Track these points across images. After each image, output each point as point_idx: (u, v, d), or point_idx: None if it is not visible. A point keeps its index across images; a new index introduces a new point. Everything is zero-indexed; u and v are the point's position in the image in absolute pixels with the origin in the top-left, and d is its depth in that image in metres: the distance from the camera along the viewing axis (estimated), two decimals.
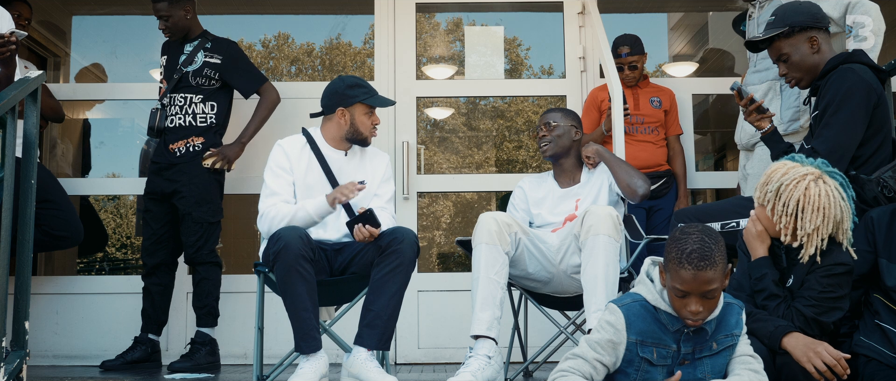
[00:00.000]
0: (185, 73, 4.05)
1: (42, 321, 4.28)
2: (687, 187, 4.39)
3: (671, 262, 2.29)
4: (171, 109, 4.06)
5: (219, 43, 4.13)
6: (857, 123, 2.92)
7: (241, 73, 4.11)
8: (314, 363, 2.93)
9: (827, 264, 2.52)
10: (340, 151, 3.33)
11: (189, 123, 4.02)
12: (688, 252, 2.24)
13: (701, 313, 2.29)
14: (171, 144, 4.02)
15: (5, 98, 2.72)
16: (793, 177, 2.54)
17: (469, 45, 5.28)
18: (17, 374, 2.81)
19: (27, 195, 2.89)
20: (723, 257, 2.27)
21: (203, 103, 4.05)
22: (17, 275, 2.89)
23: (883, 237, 2.62)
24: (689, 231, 2.30)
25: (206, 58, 4.06)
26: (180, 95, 4.05)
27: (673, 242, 2.31)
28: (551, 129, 3.52)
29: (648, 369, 2.36)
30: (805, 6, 3.18)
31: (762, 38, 3.17)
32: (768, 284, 2.56)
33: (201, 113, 4.04)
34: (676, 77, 6.04)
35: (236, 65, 4.10)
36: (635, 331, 2.36)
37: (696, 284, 2.24)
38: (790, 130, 3.55)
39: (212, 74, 4.05)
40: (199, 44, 4.10)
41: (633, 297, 2.42)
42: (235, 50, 4.14)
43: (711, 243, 2.26)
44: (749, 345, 2.41)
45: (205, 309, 3.97)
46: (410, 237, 3.06)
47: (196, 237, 3.94)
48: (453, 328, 4.29)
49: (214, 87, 4.07)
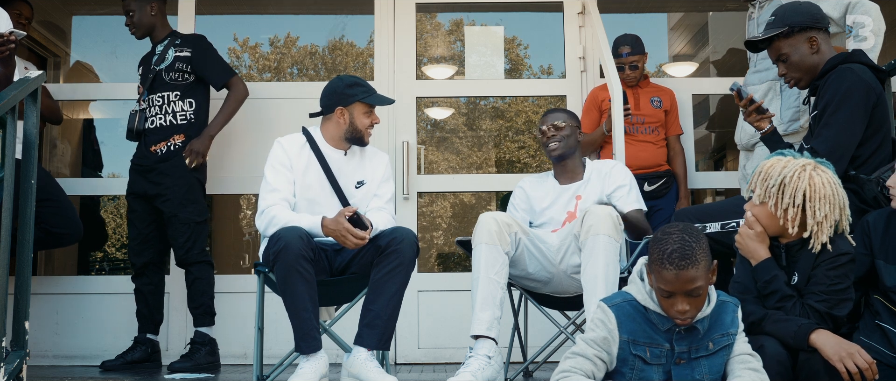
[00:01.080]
0: (158, 71, 4.06)
1: (42, 320, 4.28)
2: (687, 188, 4.39)
3: (654, 263, 2.30)
4: (150, 110, 4.06)
5: (188, 38, 4.15)
6: (856, 122, 2.92)
7: (210, 64, 4.09)
8: (314, 363, 2.93)
9: (831, 256, 2.51)
10: (340, 151, 3.33)
11: (170, 122, 4.02)
12: (668, 252, 2.24)
13: (688, 312, 2.29)
14: (152, 146, 4.02)
15: (5, 98, 2.72)
16: (794, 169, 2.54)
17: (469, 45, 5.28)
18: (17, 374, 2.81)
19: (27, 195, 2.89)
20: (705, 255, 2.27)
21: (181, 101, 4.04)
22: (17, 275, 2.89)
23: (879, 240, 2.62)
24: (670, 231, 2.30)
25: (176, 53, 4.07)
26: (158, 95, 4.05)
27: (654, 243, 2.31)
28: (559, 129, 3.50)
29: (643, 367, 2.36)
30: (804, 6, 3.18)
31: (762, 39, 3.17)
32: (780, 285, 2.53)
33: (180, 110, 4.03)
34: (676, 77, 6.04)
35: (205, 56, 4.09)
36: (626, 330, 2.36)
37: (679, 283, 2.25)
38: (790, 130, 3.55)
39: (183, 66, 4.05)
40: (169, 42, 4.12)
41: (623, 296, 2.42)
42: (204, 43, 4.14)
43: (692, 241, 2.26)
44: (747, 344, 2.41)
45: (200, 309, 3.97)
46: (410, 237, 3.06)
47: (185, 238, 3.94)
48: (453, 328, 4.29)
49: (188, 81, 4.06)
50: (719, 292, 2.44)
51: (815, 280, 2.52)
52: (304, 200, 3.25)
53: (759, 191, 2.58)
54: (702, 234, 2.31)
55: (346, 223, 3.02)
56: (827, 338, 2.39)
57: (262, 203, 3.21)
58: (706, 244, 2.29)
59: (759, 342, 2.43)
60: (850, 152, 2.92)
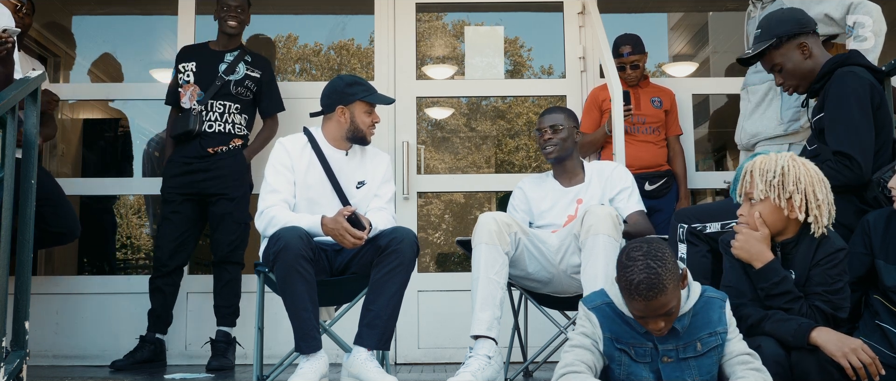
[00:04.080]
0: (227, 81, 4.10)
1: (42, 320, 4.28)
2: (687, 188, 4.39)
3: (622, 291, 2.28)
4: (209, 114, 4.08)
5: (258, 58, 4.24)
6: (870, 121, 2.93)
7: (271, 93, 4.24)
8: (314, 363, 2.93)
9: (828, 254, 2.52)
10: (341, 151, 3.33)
11: (228, 130, 4.09)
12: (635, 283, 2.21)
13: (664, 327, 2.30)
14: (210, 147, 4.05)
15: (5, 98, 2.72)
16: (786, 159, 2.56)
17: (469, 46, 5.28)
18: (17, 374, 2.81)
19: (27, 195, 2.89)
20: (673, 277, 2.23)
21: (239, 114, 4.13)
22: (17, 275, 2.89)
23: (879, 240, 2.62)
24: (635, 257, 2.25)
25: (247, 71, 4.15)
26: (219, 103, 4.09)
27: (621, 268, 2.27)
28: (557, 131, 3.48)
29: (630, 363, 2.36)
30: (788, 14, 3.18)
31: (752, 55, 3.18)
32: (790, 286, 2.51)
33: (238, 123, 4.13)
34: (676, 77, 6.04)
35: (271, 84, 4.24)
36: (608, 329, 2.37)
37: (649, 310, 2.25)
38: (790, 130, 3.55)
39: (251, 86, 4.15)
40: (240, 55, 4.18)
41: (602, 298, 2.42)
42: (271, 69, 4.28)
43: (657, 266, 2.21)
44: (743, 343, 2.39)
45: (231, 308, 4.05)
46: (410, 237, 3.06)
47: (234, 237, 4.02)
48: (453, 328, 4.29)
49: (249, 99, 4.16)
50: (705, 286, 2.43)
51: (815, 281, 2.52)
52: (305, 200, 3.25)
53: (762, 187, 2.56)
54: (667, 252, 2.27)
55: (344, 223, 3.02)
56: (828, 335, 2.39)
57: (261, 204, 3.21)
58: (672, 263, 2.25)
59: (756, 343, 2.42)
60: (873, 150, 2.92)
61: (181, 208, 4.07)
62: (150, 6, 4.07)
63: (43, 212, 3.81)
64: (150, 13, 4.09)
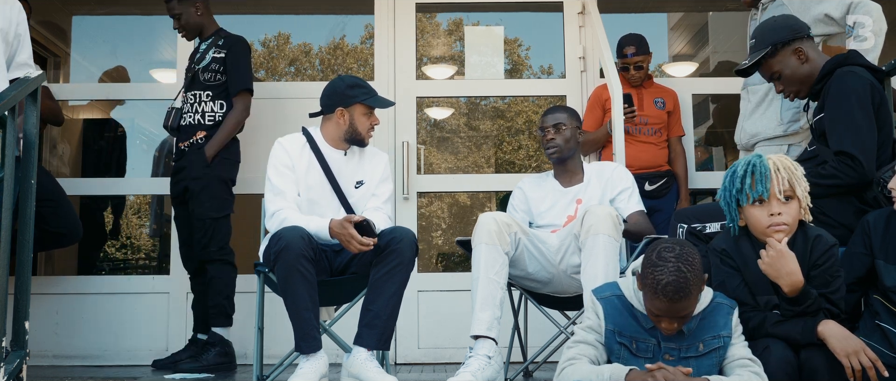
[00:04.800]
0: (196, 70, 4.05)
1: (42, 320, 4.28)
2: (688, 189, 4.39)
3: (647, 287, 2.27)
4: (185, 106, 4.06)
5: (230, 38, 4.10)
6: (870, 119, 2.92)
7: (234, 68, 4.02)
8: (314, 363, 2.93)
9: (823, 252, 2.51)
10: (340, 151, 3.33)
11: (198, 121, 4.01)
12: (664, 284, 2.21)
13: (675, 328, 2.30)
14: (180, 143, 4.03)
15: (5, 98, 2.72)
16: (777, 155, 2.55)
17: (469, 46, 5.28)
18: (17, 374, 2.80)
19: (27, 195, 2.89)
20: (699, 282, 2.24)
21: (212, 102, 4.01)
22: (17, 275, 2.89)
23: (879, 240, 2.62)
24: (667, 257, 2.23)
25: (214, 54, 4.05)
26: (191, 94, 4.05)
27: (650, 266, 2.25)
28: (560, 131, 3.46)
29: (629, 357, 2.37)
30: (780, 21, 3.19)
31: (749, 65, 3.18)
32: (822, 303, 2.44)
33: (209, 111, 4.00)
34: (676, 77, 6.04)
35: (236, 59, 4.04)
36: (612, 321, 2.38)
37: (670, 312, 2.25)
38: (790, 131, 3.55)
39: (217, 67, 4.02)
40: (213, 41, 4.10)
41: (612, 290, 2.43)
42: (241, 47, 4.08)
43: (687, 271, 2.20)
44: (746, 348, 2.40)
45: (215, 308, 3.91)
46: (409, 237, 3.06)
47: (200, 234, 3.92)
48: (453, 328, 4.29)
49: (220, 82, 4.02)
50: (717, 292, 2.44)
51: (817, 282, 2.51)
52: (305, 200, 3.25)
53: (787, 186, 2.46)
54: (697, 257, 2.26)
55: (350, 229, 3.01)
56: (834, 329, 2.40)
57: (271, 206, 3.20)
58: (699, 267, 2.24)
59: (764, 345, 2.41)
60: (875, 150, 2.92)
61: (177, 210, 4.08)
62: (150, 6, 4.07)
63: (43, 212, 3.80)
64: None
